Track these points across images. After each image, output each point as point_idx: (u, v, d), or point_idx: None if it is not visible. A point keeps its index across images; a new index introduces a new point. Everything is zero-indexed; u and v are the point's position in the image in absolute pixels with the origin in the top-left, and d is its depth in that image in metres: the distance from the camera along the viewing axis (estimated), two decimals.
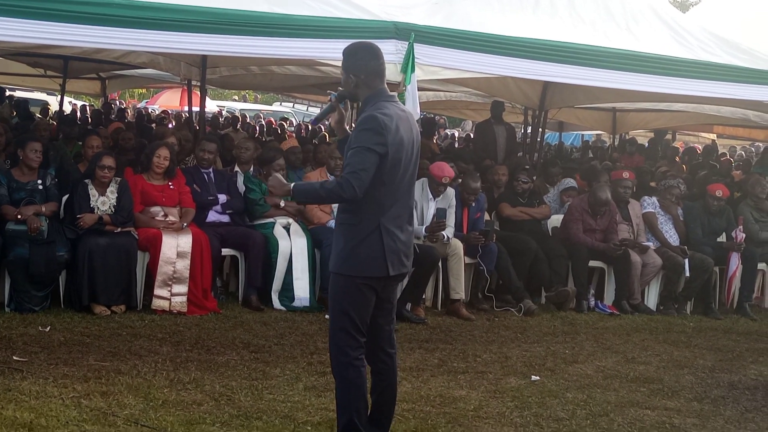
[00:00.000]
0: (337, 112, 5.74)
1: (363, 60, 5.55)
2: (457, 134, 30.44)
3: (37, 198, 9.04)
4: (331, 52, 8.75)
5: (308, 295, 9.81)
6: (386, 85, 5.61)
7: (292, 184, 5.54)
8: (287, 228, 10.05)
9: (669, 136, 24.04)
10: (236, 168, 10.87)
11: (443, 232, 10.08)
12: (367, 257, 5.41)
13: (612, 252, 11.01)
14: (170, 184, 9.76)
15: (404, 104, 8.48)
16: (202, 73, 14.79)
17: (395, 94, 5.88)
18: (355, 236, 5.42)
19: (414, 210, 9.86)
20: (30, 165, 9.17)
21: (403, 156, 5.45)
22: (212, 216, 10.10)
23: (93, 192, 9.28)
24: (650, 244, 11.45)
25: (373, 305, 5.53)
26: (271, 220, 10.10)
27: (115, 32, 7.81)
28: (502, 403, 7.14)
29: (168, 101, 32.30)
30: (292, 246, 9.85)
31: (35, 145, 9.24)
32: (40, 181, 9.16)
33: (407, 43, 8.69)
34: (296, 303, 9.75)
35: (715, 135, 25.37)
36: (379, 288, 5.53)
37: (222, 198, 10.15)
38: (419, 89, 8.84)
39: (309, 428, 6.24)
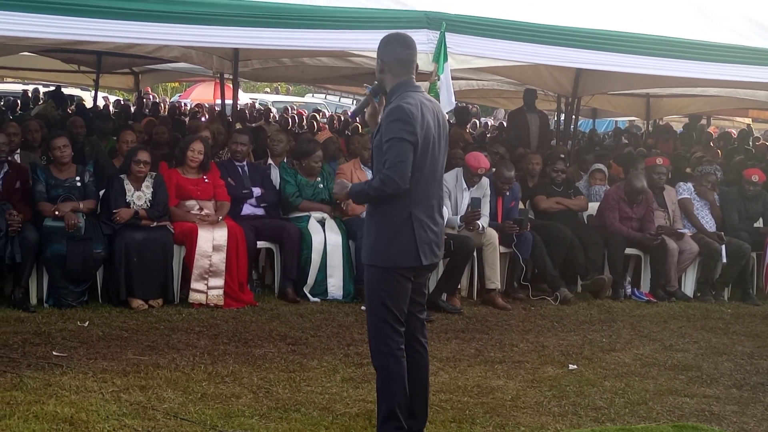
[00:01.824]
0: (371, 106, 5.79)
1: (392, 45, 5.66)
2: (489, 123, 30.36)
3: (75, 195, 9.10)
4: (363, 42, 8.75)
5: (341, 293, 9.83)
6: (413, 77, 5.63)
7: (349, 186, 5.68)
8: (322, 223, 10.05)
9: (704, 121, 23.87)
10: (269, 161, 10.88)
11: (478, 222, 10.07)
12: (400, 248, 5.45)
13: (648, 242, 10.95)
14: (205, 177, 9.80)
15: (437, 94, 8.51)
16: (234, 66, 14.83)
17: (421, 84, 5.89)
18: (387, 227, 5.47)
19: (448, 199, 9.96)
20: (60, 161, 9.23)
21: (430, 145, 5.49)
22: (247, 209, 10.13)
23: (128, 187, 9.32)
24: (686, 231, 11.38)
25: (409, 294, 5.56)
26: (306, 213, 10.11)
27: (148, 27, 7.84)
28: (539, 393, 7.13)
29: (201, 95, 32.37)
30: (327, 242, 9.85)
31: (60, 141, 9.30)
32: (78, 178, 9.22)
33: (439, 32, 8.67)
34: (329, 298, 9.78)
35: (750, 119, 25.16)
36: (412, 277, 5.56)
37: (256, 191, 10.18)
38: (452, 78, 8.81)
39: (347, 420, 6.25)
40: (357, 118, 11.48)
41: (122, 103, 26.35)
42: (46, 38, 10.31)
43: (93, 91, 22.19)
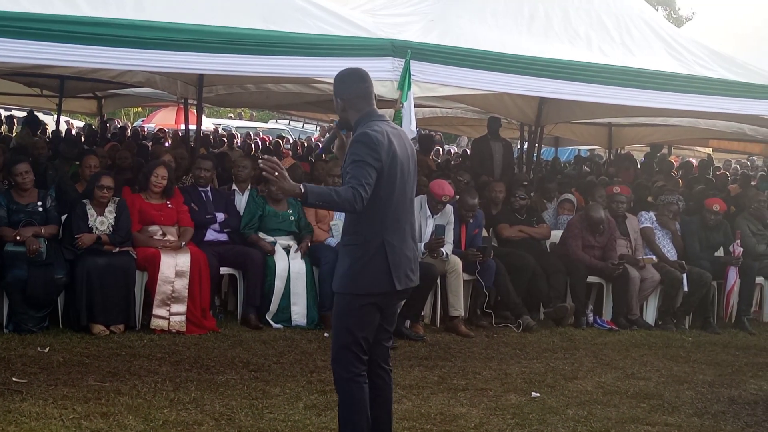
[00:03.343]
0: (339, 139, 5.86)
1: (347, 83, 5.67)
2: (453, 150, 30.46)
3: (36, 219, 9.02)
4: (328, 69, 8.75)
5: (305, 320, 9.80)
6: (375, 107, 5.67)
7: (301, 186, 5.30)
8: (287, 250, 10.02)
9: (665, 151, 24.06)
10: (234, 186, 10.86)
11: (442, 249, 10.09)
12: (374, 274, 5.47)
13: (610, 271, 11.00)
14: (168, 203, 9.76)
15: (401, 121, 8.53)
16: (198, 91, 14.82)
17: (385, 113, 5.90)
18: (361, 256, 5.49)
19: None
20: (22, 187, 9.15)
21: (398, 171, 5.52)
22: (210, 235, 10.10)
23: (91, 212, 9.27)
24: (653, 257, 11.47)
25: (377, 323, 5.57)
26: (272, 239, 10.09)
27: (111, 52, 7.80)
28: (502, 421, 7.13)
29: (164, 120, 32.27)
30: (291, 269, 9.83)
31: (22, 167, 9.20)
32: (39, 203, 9.14)
33: (404, 60, 8.70)
34: (292, 325, 9.75)
35: (710, 149, 25.37)
36: (384, 305, 5.58)
37: (220, 216, 10.15)
38: (416, 106, 8.85)
39: None
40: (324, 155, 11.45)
41: (93, 128, 26.21)
42: (8, 62, 10.23)
43: (55, 116, 22.07)
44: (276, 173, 5.17)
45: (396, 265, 5.50)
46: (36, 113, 22.70)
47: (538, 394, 7.93)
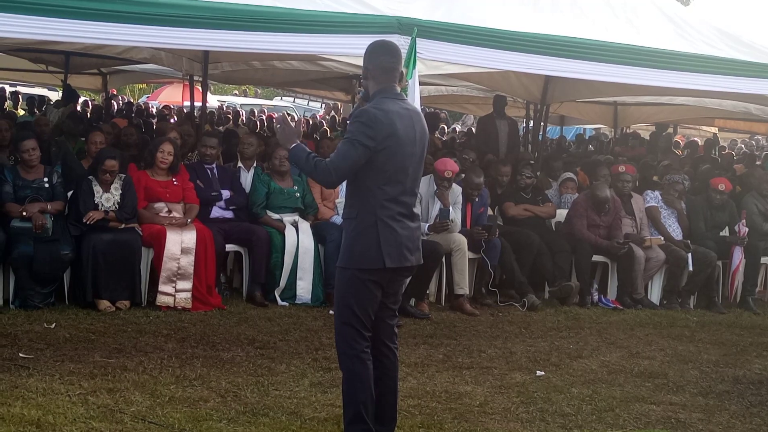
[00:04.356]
0: None
1: (377, 53, 5.77)
2: (457, 128, 30.40)
3: (42, 196, 9.03)
4: (333, 47, 8.76)
5: (310, 297, 9.82)
6: (395, 85, 5.73)
7: (293, 146, 5.69)
8: (295, 225, 10.02)
9: (670, 130, 24.00)
10: (239, 163, 10.85)
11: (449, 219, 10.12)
12: (364, 250, 5.53)
13: (615, 250, 11.00)
14: (174, 179, 9.77)
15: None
16: (203, 68, 14.78)
17: (401, 91, 5.93)
18: (354, 230, 5.58)
19: (419, 204, 9.97)
20: (29, 164, 9.16)
21: (398, 150, 5.55)
22: (216, 212, 10.11)
23: (97, 188, 9.27)
24: (661, 238, 11.45)
25: (378, 300, 5.61)
26: (277, 216, 10.09)
27: (117, 28, 7.76)
28: (507, 399, 7.15)
29: (169, 96, 32.17)
30: (299, 244, 9.84)
31: (28, 144, 9.22)
32: (46, 179, 9.16)
33: (410, 38, 8.67)
34: (297, 302, 9.78)
35: (716, 128, 25.30)
36: (384, 282, 5.60)
37: (225, 194, 10.15)
38: (421, 84, 8.82)
39: (316, 424, 6.25)
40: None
41: (93, 104, 26.11)
42: (14, 38, 10.22)
43: (61, 92, 21.99)
44: (280, 125, 5.79)
45: (388, 242, 5.52)
46: (26, 89, 22.44)
47: (542, 373, 7.95)
